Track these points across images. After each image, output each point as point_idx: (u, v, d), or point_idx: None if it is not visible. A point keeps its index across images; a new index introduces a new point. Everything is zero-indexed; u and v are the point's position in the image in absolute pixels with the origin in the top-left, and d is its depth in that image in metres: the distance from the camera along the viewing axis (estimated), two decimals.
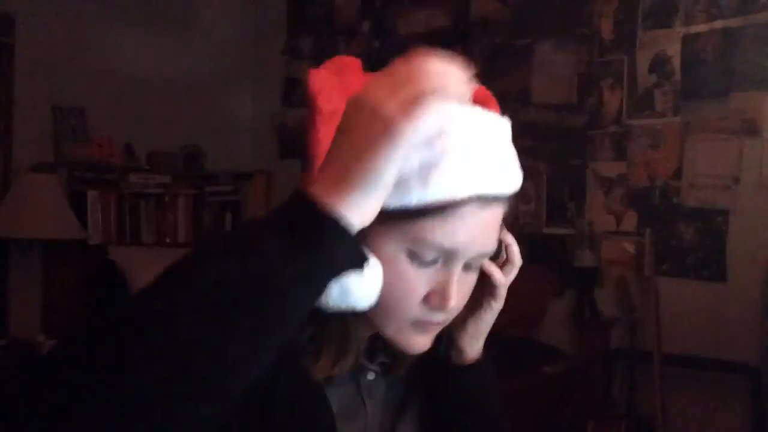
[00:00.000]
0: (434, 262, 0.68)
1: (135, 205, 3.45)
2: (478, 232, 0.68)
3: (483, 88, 0.73)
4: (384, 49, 3.66)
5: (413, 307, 0.69)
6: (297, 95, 4.01)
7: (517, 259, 0.78)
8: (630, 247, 2.82)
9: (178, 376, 0.49)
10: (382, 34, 3.68)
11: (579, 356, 2.84)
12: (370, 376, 0.78)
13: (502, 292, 0.78)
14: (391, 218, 0.65)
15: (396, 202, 0.64)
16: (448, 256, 0.68)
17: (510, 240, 0.77)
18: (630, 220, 2.84)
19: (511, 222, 0.75)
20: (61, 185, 3.08)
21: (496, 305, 0.79)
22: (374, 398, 0.79)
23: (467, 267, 0.71)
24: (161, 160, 3.64)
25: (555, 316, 2.96)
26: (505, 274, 0.77)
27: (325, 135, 0.64)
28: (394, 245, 0.67)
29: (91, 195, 3.26)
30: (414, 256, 0.67)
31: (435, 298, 0.69)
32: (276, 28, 4.10)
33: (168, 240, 3.56)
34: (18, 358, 2.80)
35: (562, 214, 3.04)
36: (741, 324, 2.53)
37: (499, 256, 0.78)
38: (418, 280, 0.68)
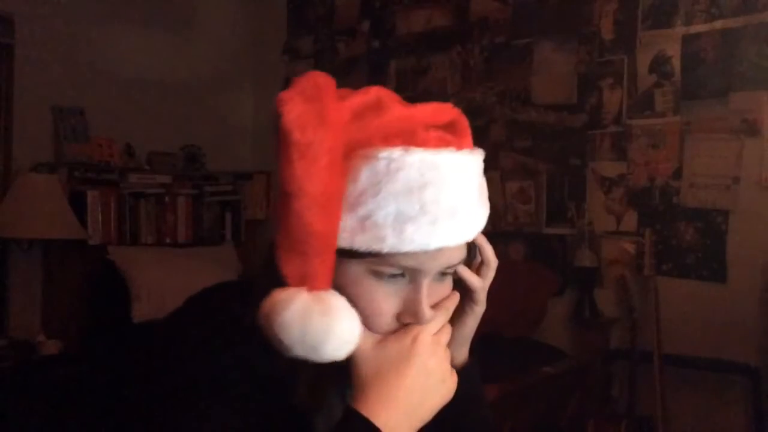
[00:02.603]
0: (401, 276, 0.69)
1: (135, 205, 3.45)
2: (441, 253, 0.68)
3: (451, 107, 0.72)
4: (384, 49, 3.66)
5: (386, 325, 0.70)
6: None
7: (492, 259, 0.77)
8: (630, 247, 2.82)
9: None
10: (382, 34, 3.68)
11: (579, 356, 2.84)
12: None
13: (482, 296, 0.77)
14: (357, 257, 0.66)
15: (366, 247, 0.65)
16: (413, 273, 0.69)
17: (482, 241, 0.76)
18: (630, 220, 2.84)
19: (511, 221, 0.76)
20: (61, 185, 3.07)
21: (478, 309, 0.78)
22: None
23: (439, 276, 0.71)
24: (161, 160, 3.63)
25: (555, 316, 2.96)
26: (481, 276, 0.76)
27: (301, 170, 0.62)
28: (356, 267, 0.68)
29: (91, 195, 3.26)
30: (378, 275, 0.68)
31: (407, 317, 0.70)
32: (276, 28, 4.10)
33: (168, 240, 3.56)
34: (18, 358, 2.80)
35: (562, 214, 3.04)
36: (741, 324, 2.53)
37: (474, 258, 0.77)
38: (387, 299, 0.69)
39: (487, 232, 0.79)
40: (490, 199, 0.75)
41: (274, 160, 0.64)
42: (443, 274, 0.72)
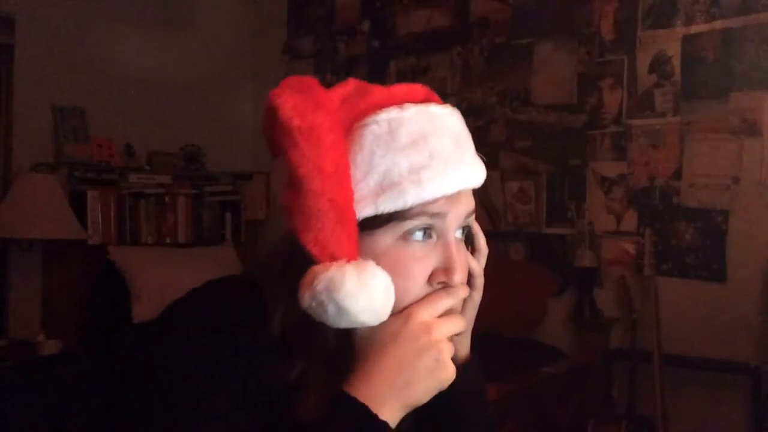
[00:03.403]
0: (428, 236, 0.71)
1: (135, 205, 3.45)
2: (460, 198, 0.72)
3: (422, 86, 0.76)
4: (384, 49, 3.66)
5: (417, 289, 0.71)
6: None
7: (484, 247, 0.80)
8: (630, 247, 2.82)
9: None
10: (382, 34, 3.68)
11: (579, 356, 2.84)
12: None
13: (480, 282, 0.79)
14: (383, 223, 0.68)
15: (391, 206, 0.67)
16: (440, 226, 0.71)
17: (476, 229, 0.79)
18: (630, 220, 2.84)
19: (511, 221, 0.76)
20: (61, 185, 3.07)
21: (477, 296, 0.80)
22: None
23: (461, 233, 0.74)
24: (161, 160, 3.63)
25: (555, 316, 2.96)
26: (478, 262, 0.79)
27: (310, 151, 0.65)
28: (382, 238, 0.70)
29: (91, 195, 3.26)
30: (406, 237, 0.70)
31: (440, 275, 0.71)
32: (276, 28, 4.10)
33: (168, 240, 3.56)
34: (18, 358, 2.80)
35: (562, 214, 3.04)
36: (741, 324, 2.53)
37: (468, 245, 0.80)
38: (419, 262, 0.70)
39: (487, 232, 0.81)
40: (491, 199, 0.76)
41: (274, 160, 0.65)
42: (463, 230, 0.75)
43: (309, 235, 0.66)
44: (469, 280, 0.78)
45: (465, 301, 0.78)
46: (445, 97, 0.77)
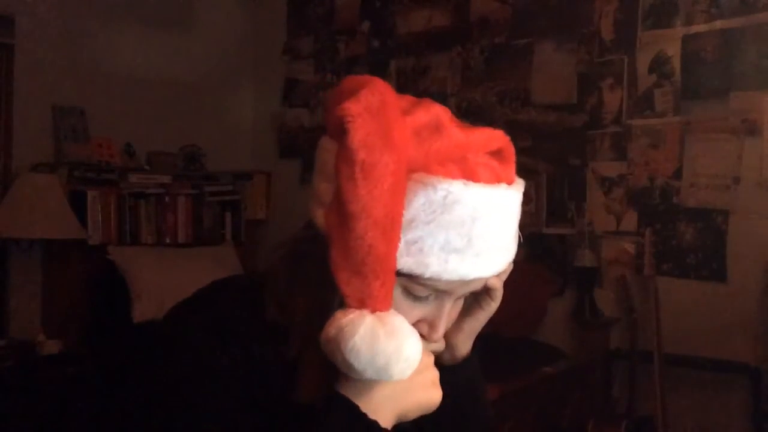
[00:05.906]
0: (427, 297, 0.71)
1: (135, 205, 3.44)
2: (475, 281, 0.72)
3: (502, 135, 0.75)
4: (384, 49, 3.66)
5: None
6: (297, 95, 4.01)
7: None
8: (630, 247, 2.82)
9: None
10: (382, 34, 3.68)
11: (579, 356, 2.84)
12: None
13: (499, 294, 0.80)
14: (398, 276, 0.67)
15: (409, 269, 0.67)
16: (441, 294, 0.71)
17: None
18: (630, 220, 2.84)
19: None
20: (61, 185, 3.07)
21: (494, 305, 0.80)
22: None
23: (459, 297, 0.74)
24: (161, 160, 3.63)
25: (555, 316, 2.96)
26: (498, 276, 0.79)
27: (365, 191, 0.63)
28: None
29: (91, 195, 3.26)
30: (408, 293, 0.70)
31: (424, 326, 0.72)
32: (276, 28, 4.10)
33: (168, 240, 3.56)
34: (18, 358, 2.80)
35: (562, 214, 3.04)
36: (741, 324, 2.53)
37: None
38: (410, 312, 0.71)
39: None
40: None
41: (274, 160, 0.65)
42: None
43: (343, 274, 0.65)
44: (488, 292, 0.79)
45: (483, 309, 0.80)
46: (445, 97, 0.77)
